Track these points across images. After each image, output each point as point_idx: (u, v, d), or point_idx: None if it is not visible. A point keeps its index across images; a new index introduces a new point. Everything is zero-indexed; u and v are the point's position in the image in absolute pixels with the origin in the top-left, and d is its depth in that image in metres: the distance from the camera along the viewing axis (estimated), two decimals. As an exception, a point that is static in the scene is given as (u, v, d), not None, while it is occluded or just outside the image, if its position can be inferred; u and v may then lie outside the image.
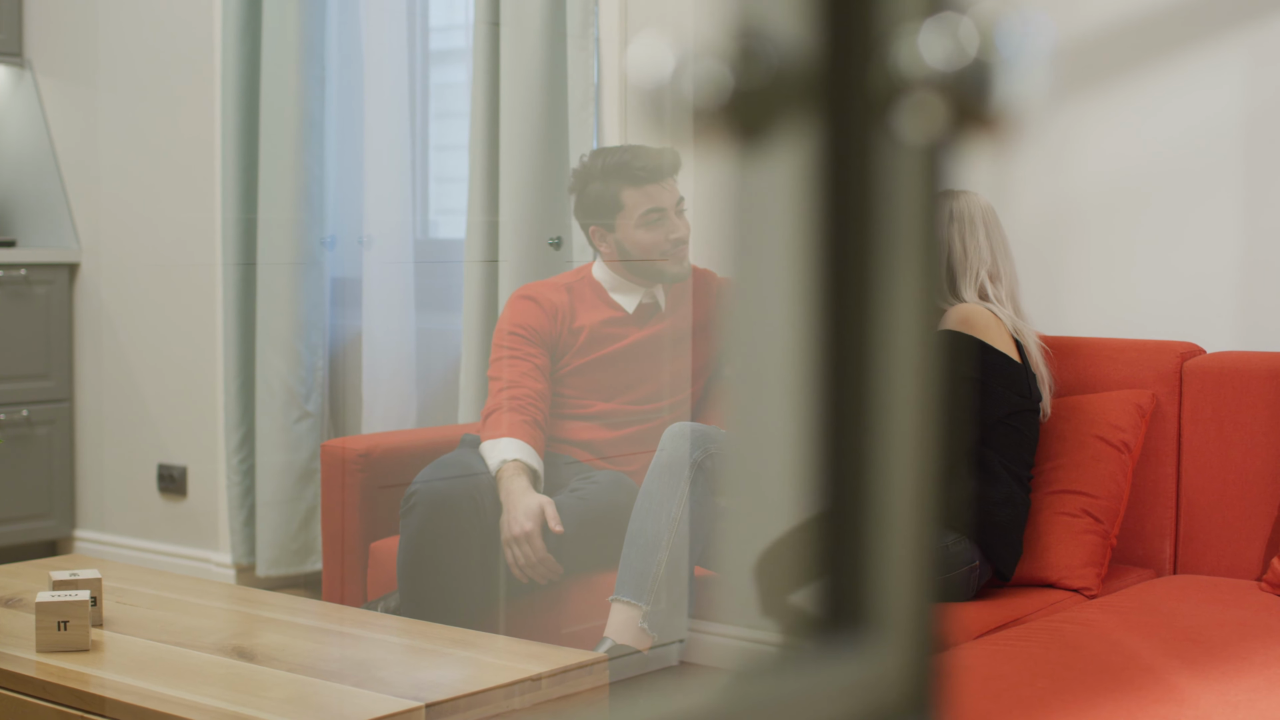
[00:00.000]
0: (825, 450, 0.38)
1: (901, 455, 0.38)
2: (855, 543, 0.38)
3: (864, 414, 0.38)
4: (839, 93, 0.37)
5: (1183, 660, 2.14)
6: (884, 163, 0.38)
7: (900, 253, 0.38)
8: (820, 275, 0.38)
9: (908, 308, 0.38)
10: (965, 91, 0.37)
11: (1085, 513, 2.68)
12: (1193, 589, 2.60)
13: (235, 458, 4.36)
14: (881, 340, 0.38)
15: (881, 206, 0.38)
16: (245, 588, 2.78)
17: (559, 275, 3.29)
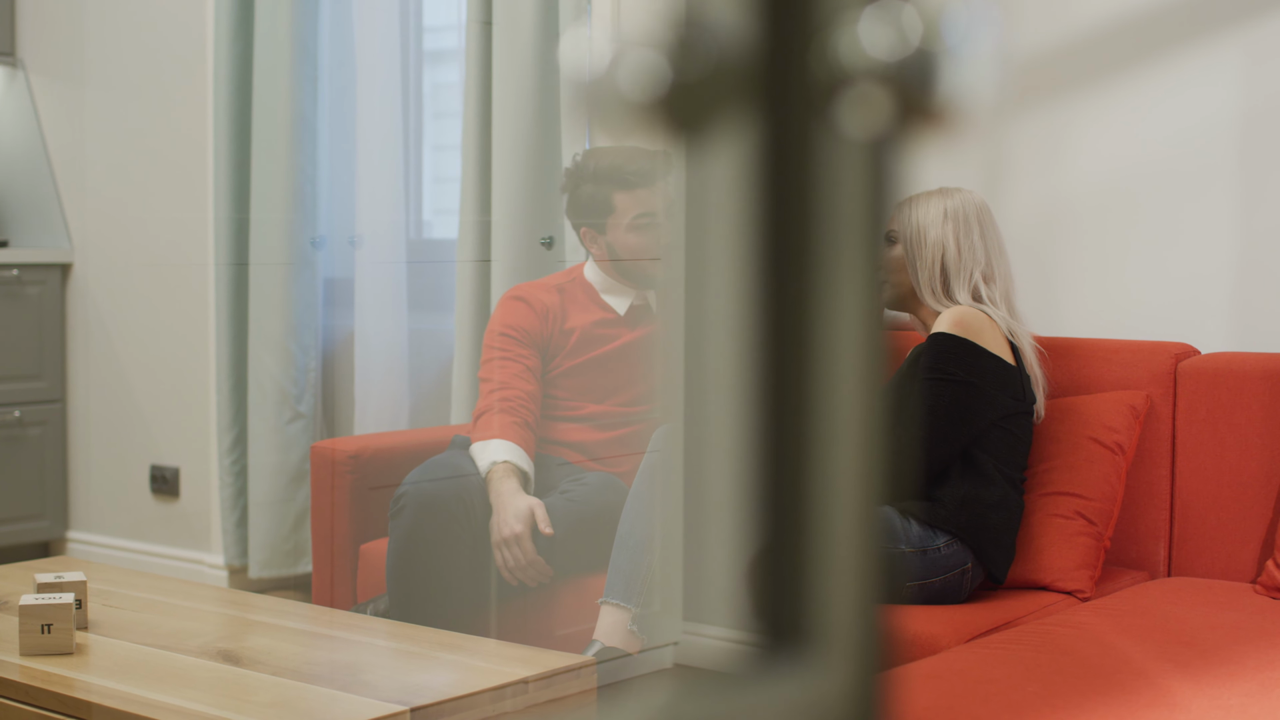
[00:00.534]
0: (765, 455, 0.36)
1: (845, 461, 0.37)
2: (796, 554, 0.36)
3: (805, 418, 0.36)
4: (779, 85, 0.35)
5: (1175, 664, 2.12)
6: (826, 157, 0.36)
7: (843, 250, 0.36)
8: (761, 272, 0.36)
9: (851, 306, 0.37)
10: (908, 83, 0.35)
11: (1079, 515, 2.67)
12: (1187, 592, 2.58)
13: (227, 459, 4.34)
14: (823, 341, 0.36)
15: (824, 202, 0.36)
16: (234, 590, 2.76)
17: (550, 276, 3.28)
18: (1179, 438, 2.78)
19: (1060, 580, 2.62)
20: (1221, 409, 2.73)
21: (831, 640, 0.36)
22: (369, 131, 4.04)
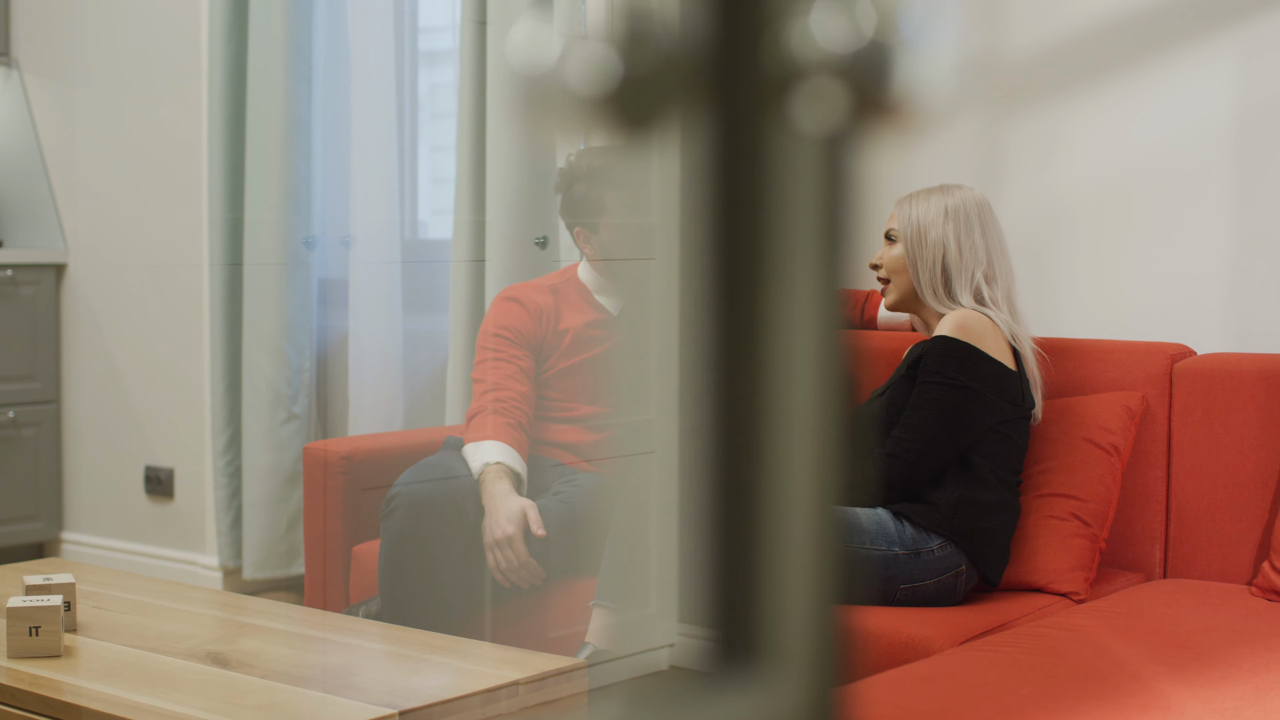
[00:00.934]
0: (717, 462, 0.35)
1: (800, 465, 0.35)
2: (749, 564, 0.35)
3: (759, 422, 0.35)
4: (730, 79, 0.34)
5: (1170, 667, 2.11)
6: (779, 154, 0.35)
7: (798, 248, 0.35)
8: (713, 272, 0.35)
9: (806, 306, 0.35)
10: (863, 76, 0.34)
11: (1074, 516, 2.65)
12: (1182, 594, 2.57)
13: (222, 459, 4.33)
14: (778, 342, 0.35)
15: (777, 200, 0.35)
16: (225, 592, 2.75)
17: (544, 276, 3.26)
18: (1174, 439, 2.77)
19: (1055, 582, 2.61)
20: (1217, 410, 2.72)
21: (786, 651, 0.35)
22: (363, 132, 4.03)
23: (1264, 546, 2.66)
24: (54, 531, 4.82)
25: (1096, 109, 3.05)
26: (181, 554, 4.57)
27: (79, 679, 2.11)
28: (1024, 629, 2.34)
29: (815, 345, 0.35)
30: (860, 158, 0.37)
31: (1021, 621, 2.47)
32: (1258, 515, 2.67)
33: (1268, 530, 2.66)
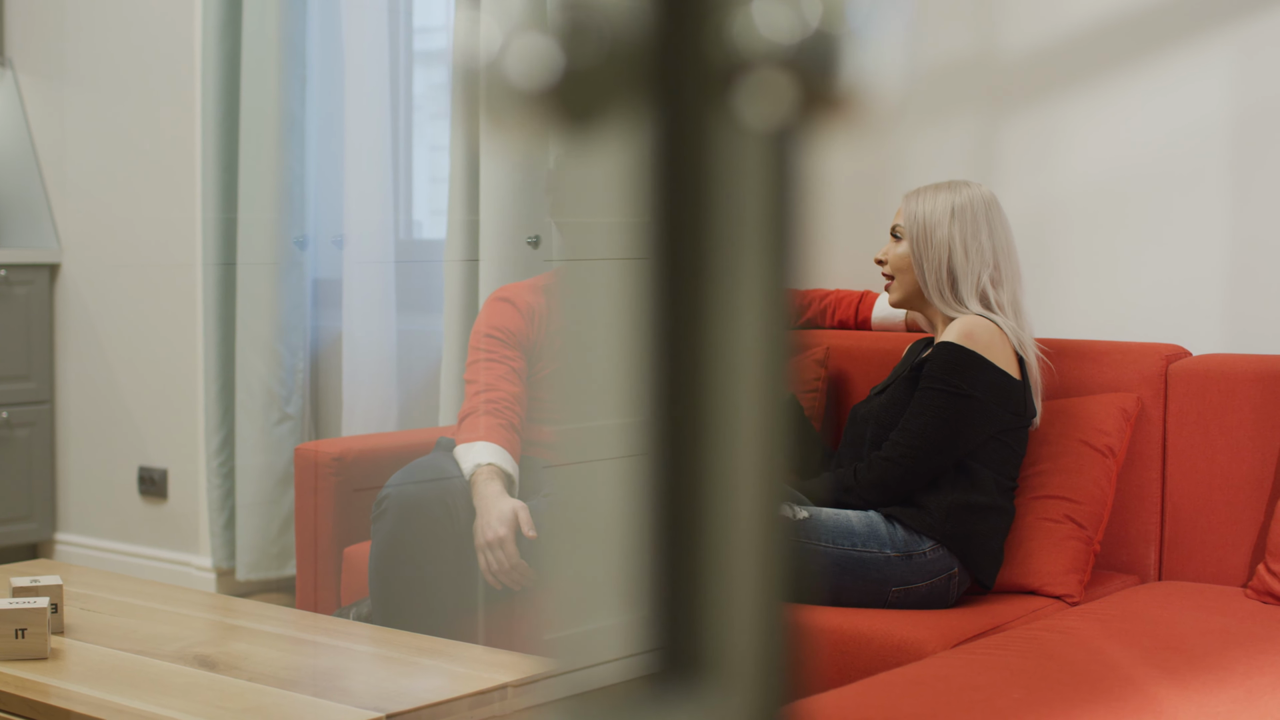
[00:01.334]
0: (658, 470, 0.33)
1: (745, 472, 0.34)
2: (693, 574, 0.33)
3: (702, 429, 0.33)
4: (673, 71, 0.33)
5: (1163, 670, 2.10)
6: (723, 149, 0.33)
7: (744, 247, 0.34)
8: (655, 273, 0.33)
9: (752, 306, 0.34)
10: (809, 68, 0.33)
11: (1068, 518, 2.64)
12: (1176, 596, 2.56)
13: (215, 460, 4.32)
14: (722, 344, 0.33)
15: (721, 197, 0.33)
16: (214, 594, 2.73)
17: (537, 276, 3.25)
18: (1170, 440, 2.75)
19: (1049, 584, 2.59)
20: (1212, 411, 2.70)
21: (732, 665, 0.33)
22: (357, 131, 4.02)
23: (1259, 549, 2.64)
24: (48, 532, 4.81)
25: (1092, 109, 3.03)
26: (175, 555, 4.56)
27: (65, 682, 2.10)
28: (1017, 632, 2.33)
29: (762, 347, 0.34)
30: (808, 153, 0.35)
31: (1015, 624, 2.45)
32: (1253, 517, 2.66)
33: (1263, 532, 2.64)
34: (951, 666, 2.13)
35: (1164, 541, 2.76)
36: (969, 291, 2.63)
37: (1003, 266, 2.66)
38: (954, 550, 2.53)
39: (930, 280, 2.64)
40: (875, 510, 2.56)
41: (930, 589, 2.53)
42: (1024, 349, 2.61)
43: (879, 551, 2.51)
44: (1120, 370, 2.79)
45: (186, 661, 2.17)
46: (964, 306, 2.63)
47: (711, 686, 0.34)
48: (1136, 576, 2.77)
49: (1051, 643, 2.24)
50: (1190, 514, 2.73)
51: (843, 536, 2.51)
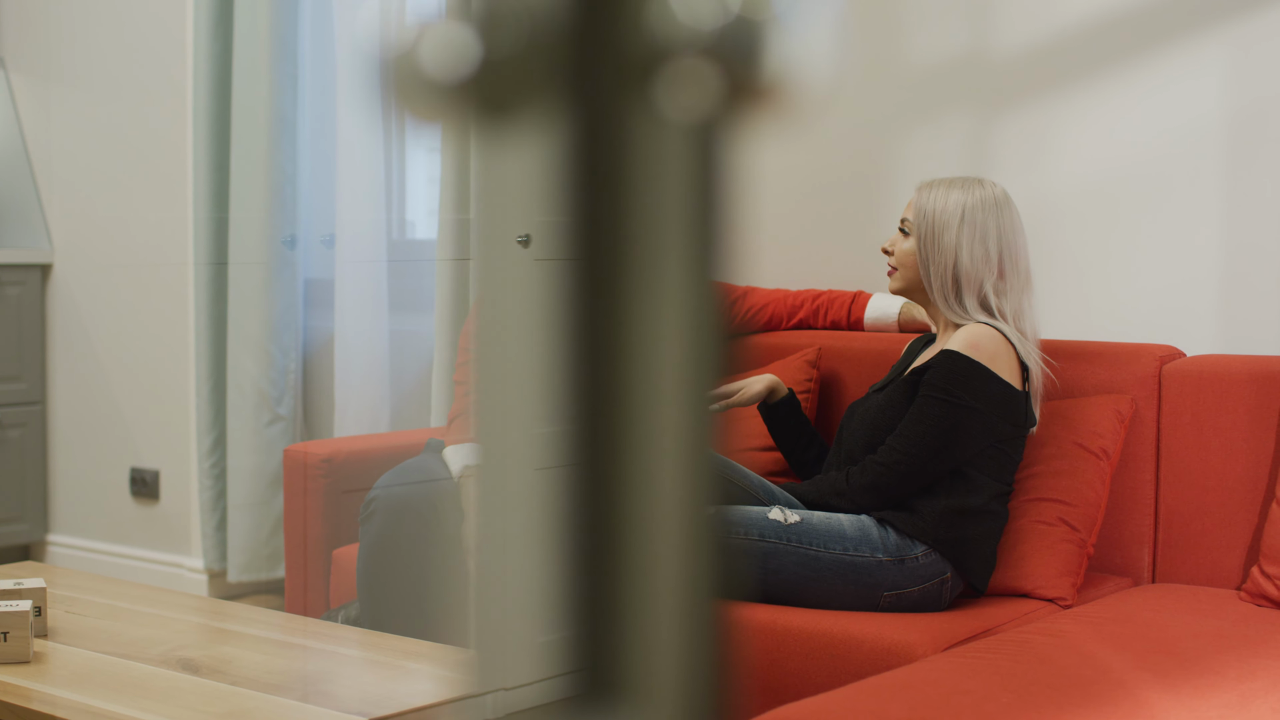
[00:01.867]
0: (579, 482, 0.31)
1: (668, 480, 0.32)
2: (614, 594, 0.31)
3: (625, 439, 0.31)
4: (591, 61, 0.31)
5: (1155, 674, 2.08)
6: (645, 142, 0.32)
7: (667, 244, 0.32)
8: (575, 273, 0.31)
9: (675, 306, 0.32)
10: (731, 57, 0.31)
11: (1062, 521, 2.62)
12: (1170, 599, 2.54)
13: (207, 461, 4.30)
14: (642, 346, 0.31)
15: (643, 192, 0.32)
16: (201, 596, 2.72)
17: None
18: (1164, 441, 2.73)
19: (1042, 587, 2.57)
20: (1206, 412, 2.69)
21: (655, 690, 0.31)
22: (350, 131, 4.00)
23: (1253, 551, 2.62)
24: (40, 534, 4.79)
25: (1086, 109, 3.01)
26: (167, 556, 4.54)
27: (47, 686, 2.08)
28: (1008, 635, 2.31)
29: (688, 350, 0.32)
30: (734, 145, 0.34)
31: (1006, 627, 2.43)
32: (1247, 519, 2.64)
33: (1257, 534, 2.62)
34: (941, 670, 2.11)
35: (1158, 544, 2.75)
36: (970, 296, 2.59)
37: (1008, 273, 2.60)
38: (946, 555, 2.51)
39: (935, 284, 2.61)
40: (867, 514, 2.54)
41: (923, 593, 2.51)
42: (1028, 359, 2.57)
43: (871, 556, 2.49)
44: (1114, 371, 2.78)
45: (170, 665, 2.16)
46: (966, 312, 2.59)
47: (636, 709, 0.32)
48: (1130, 579, 2.75)
49: (1043, 646, 2.22)
50: (1184, 516, 2.71)
51: (834, 540, 2.49)
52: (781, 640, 2.42)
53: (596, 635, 0.32)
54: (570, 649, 0.33)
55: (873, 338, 3.09)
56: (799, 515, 2.51)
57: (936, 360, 2.54)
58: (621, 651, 0.32)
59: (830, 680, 2.36)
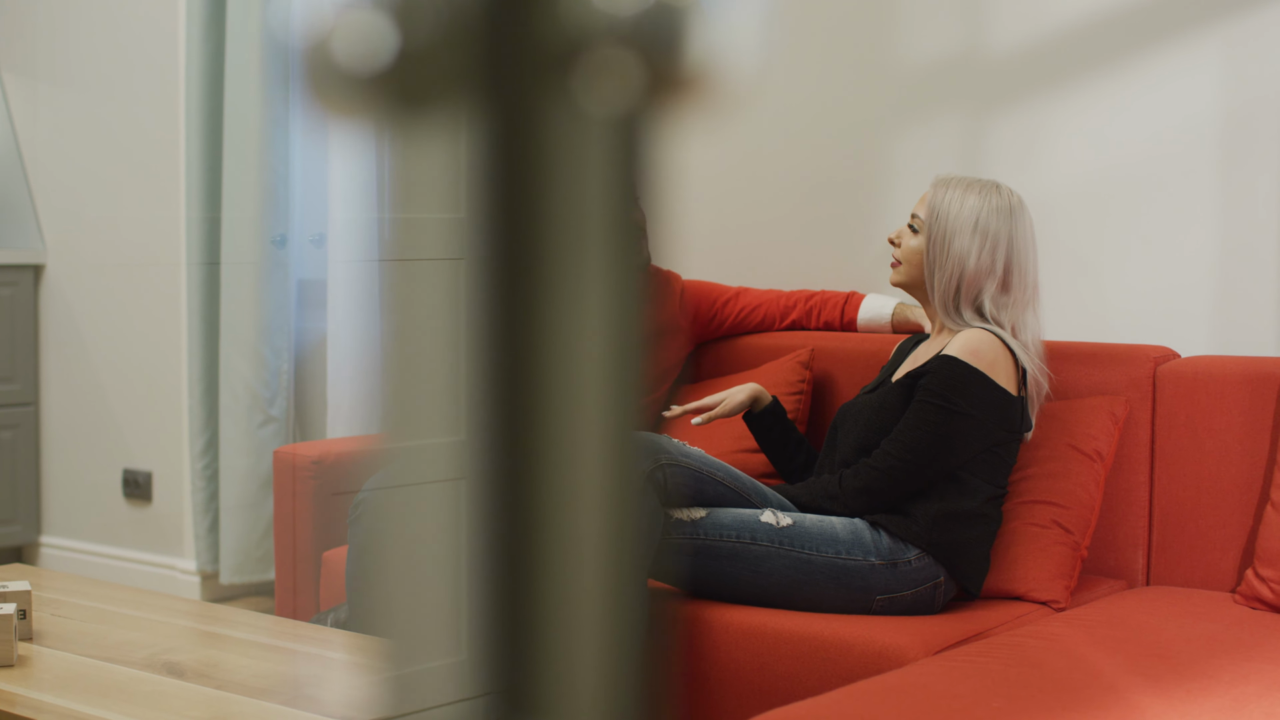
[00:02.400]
0: (491, 494, 0.30)
1: (589, 498, 0.30)
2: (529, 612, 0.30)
3: (541, 448, 0.30)
4: (507, 52, 0.29)
5: (1146, 678, 2.06)
6: (564, 136, 0.30)
7: (587, 243, 0.30)
8: (489, 274, 0.30)
9: (595, 306, 0.30)
10: (651, 46, 0.29)
11: (1055, 523, 2.60)
12: (1164, 601, 2.52)
13: (200, 463, 4.28)
14: (564, 356, 0.30)
15: (562, 190, 0.30)
16: (189, 599, 2.70)
17: None
18: (1158, 443, 2.72)
19: (1035, 590, 2.55)
20: (1201, 414, 2.67)
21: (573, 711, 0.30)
22: (342, 130, 3.98)
23: (1248, 553, 2.60)
24: (33, 535, 4.77)
25: (1079, 108, 3.00)
26: (160, 558, 4.52)
27: (31, 690, 2.06)
28: (1000, 639, 2.29)
29: (608, 355, 0.30)
30: (656, 137, 0.32)
31: (999, 631, 2.41)
32: (1242, 521, 2.62)
33: (1252, 537, 2.60)
34: (932, 675, 2.10)
35: (1152, 546, 2.73)
36: (967, 303, 2.56)
37: (1014, 286, 2.56)
38: (940, 558, 2.49)
39: (937, 289, 2.57)
40: (860, 517, 2.52)
41: (915, 597, 2.49)
42: (1028, 365, 2.54)
43: (863, 559, 2.47)
44: (1108, 373, 2.76)
45: (155, 669, 2.14)
46: (963, 320, 2.56)
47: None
48: (1124, 581, 2.73)
49: (1035, 650, 2.20)
50: (1178, 518, 2.69)
51: (826, 544, 2.47)
52: (772, 643, 2.40)
53: (513, 658, 0.30)
54: (486, 670, 0.31)
55: (866, 339, 3.07)
56: (791, 518, 2.49)
57: (934, 364, 2.51)
58: (539, 672, 0.30)
59: (820, 684, 2.34)
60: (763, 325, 3.21)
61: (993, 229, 2.54)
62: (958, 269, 2.54)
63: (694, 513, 2.48)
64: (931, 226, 2.57)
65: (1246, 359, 2.68)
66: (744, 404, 2.79)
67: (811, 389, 3.04)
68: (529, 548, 0.30)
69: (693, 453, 2.50)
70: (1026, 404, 2.57)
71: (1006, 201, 2.56)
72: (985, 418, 2.48)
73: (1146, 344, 2.83)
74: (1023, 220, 2.57)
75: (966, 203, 2.54)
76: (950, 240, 2.54)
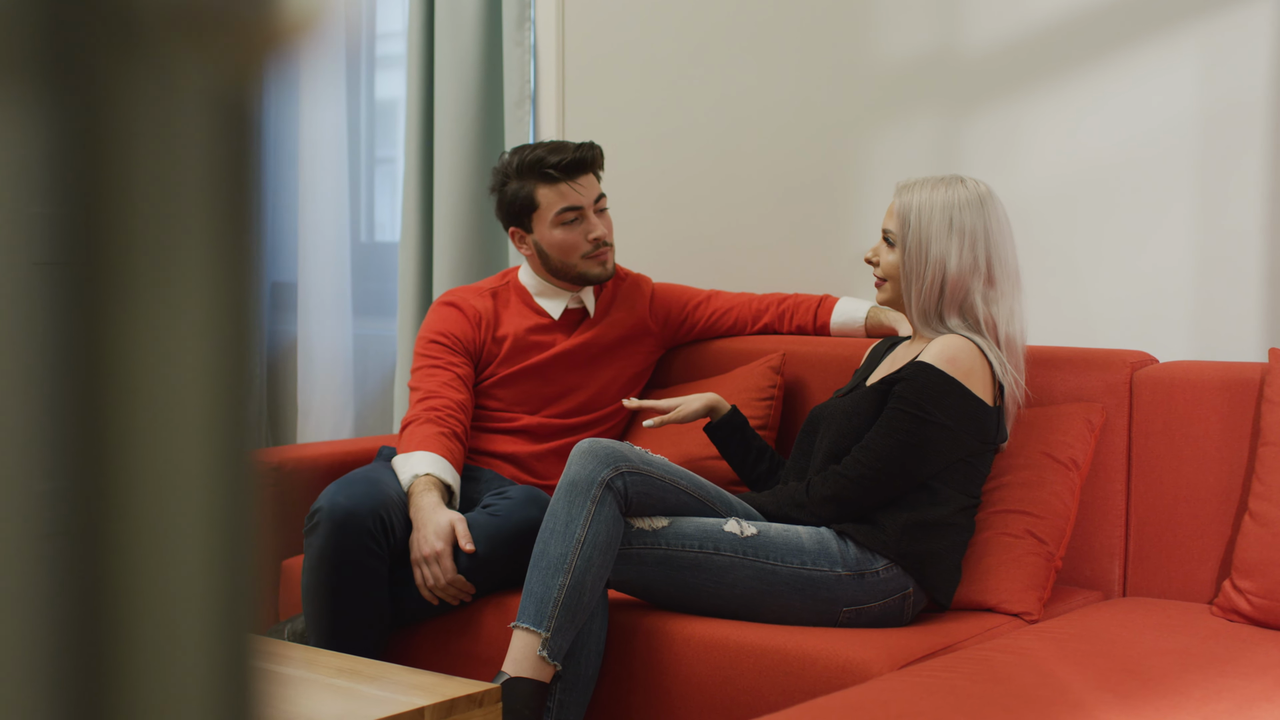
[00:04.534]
0: (72, 553, 0.23)
1: (191, 547, 0.24)
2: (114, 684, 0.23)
3: (127, 491, 0.23)
4: (79, 22, 0.23)
5: (1116, 694, 1.99)
6: (154, 119, 0.23)
7: (186, 245, 0.23)
8: (68, 281, 0.23)
9: (196, 324, 0.24)
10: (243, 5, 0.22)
11: (1029, 533, 2.53)
12: (1139, 613, 2.45)
13: (169, 468, 4.22)
14: (155, 379, 0.23)
15: (154, 181, 0.23)
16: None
17: (485, 280, 3.14)
18: (1134, 450, 2.65)
19: (1007, 602, 2.48)
20: (1179, 420, 2.60)
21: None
22: (313, 132, 3.91)
23: (1226, 564, 2.53)
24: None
25: (1056, 108, 2.93)
26: (129, 565, 4.46)
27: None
28: (968, 652, 2.21)
29: (212, 376, 0.24)
30: (258, 109, 0.25)
31: (968, 644, 2.34)
32: (1220, 531, 2.55)
33: (1230, 547, 2.53)
34: (894, 690, 2.02)
35: (1129, 556, 2.66)
36: (954, 312, 2.47)
37: (998, 278, 2.48)
38: (909, 569, 2.41)
39: (915, 299, 2.47)
40: (827, 527, 2.44)
41: (884, 609, 2.42)
42: (1004, 377, 2.46)
43: (829, 570, 2.39)
44: (1084, 378, 2.69)
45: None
46: (946, 328, 2.48)
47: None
48: (1100, 592, 2.66)
49: (1003, 664, 2.13)
50: (1156, 528, 2.62)
51: (792, 554, 2.40)
52: (734, 656, 2.33)
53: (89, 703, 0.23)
54: None
55: (839, 343, 3.00)
56: (755, 528, 2.42)
57: (908, 371, 2.43)
58: None
59: (782, 699, 2.27)
60: (734, 329, 3.14)
61: (968, 224, 2.45)
62: (939, 274, 2.45)
63: (656, 522, 2.41)
64: (905, 237, 2.48)
65: (1226, 364, 2.61)
66: (698, 413, 2.72)
67: (783, 394, 2.97)
68: (116, 618, 0.24)
69: (655, 460, 2.43)
70: (1002, 414, 2.49)
71: (975, 192, 2.48)
72: (959, 428, 2.41)
73: (1123, 349, 2.76)
74: (995, 209, 2.48)
75: (935, 203, 2.46)
76: (927, 246, 2.45)
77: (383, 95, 4.13)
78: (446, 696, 2.02)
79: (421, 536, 2.58)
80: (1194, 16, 2.76)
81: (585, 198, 2.92)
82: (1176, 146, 2.79)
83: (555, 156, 2.88)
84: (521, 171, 2.90)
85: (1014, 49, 2.97)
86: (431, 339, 2.94)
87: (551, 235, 2.91)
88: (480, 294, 3.02)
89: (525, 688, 2.30)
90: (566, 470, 2.38)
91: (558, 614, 2.31)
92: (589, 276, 2.96)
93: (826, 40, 3.22)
